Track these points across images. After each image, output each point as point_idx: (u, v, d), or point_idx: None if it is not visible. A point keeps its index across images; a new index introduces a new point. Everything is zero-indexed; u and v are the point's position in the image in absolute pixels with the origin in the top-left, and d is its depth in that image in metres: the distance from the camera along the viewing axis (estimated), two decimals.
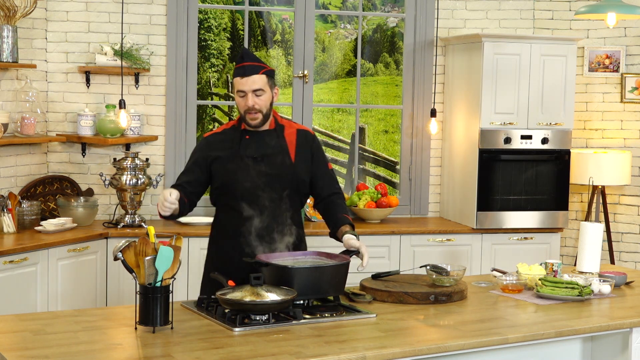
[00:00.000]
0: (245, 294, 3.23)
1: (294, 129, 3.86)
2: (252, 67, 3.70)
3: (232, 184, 3.73)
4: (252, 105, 3.69)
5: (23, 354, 2.80)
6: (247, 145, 3.77)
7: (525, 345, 3.50)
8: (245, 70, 3.69)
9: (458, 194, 6.25)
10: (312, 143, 3.87)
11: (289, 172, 3.77)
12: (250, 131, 3.79)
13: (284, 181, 3.75)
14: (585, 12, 5.05)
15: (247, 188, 3.72)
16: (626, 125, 6.47)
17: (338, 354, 2.87)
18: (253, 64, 3.72)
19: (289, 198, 3.78)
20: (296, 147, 3.81)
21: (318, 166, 3.86)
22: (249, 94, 3.69)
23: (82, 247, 5.25)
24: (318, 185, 3.86)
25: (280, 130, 3.82)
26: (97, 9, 5.84)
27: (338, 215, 3.82)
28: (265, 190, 3.72)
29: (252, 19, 6.70)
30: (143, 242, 3.11)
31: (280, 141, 3.79)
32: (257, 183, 3.71)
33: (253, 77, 3.69)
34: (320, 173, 3.86)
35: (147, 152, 5.95)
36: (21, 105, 5.57)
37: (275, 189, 3.73)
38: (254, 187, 3.71)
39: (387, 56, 7.35)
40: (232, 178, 3.73)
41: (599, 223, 4.35)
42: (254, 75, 3.69)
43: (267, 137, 3.79)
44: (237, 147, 3.76)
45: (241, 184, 3.72)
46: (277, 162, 3.75)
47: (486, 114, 5.95)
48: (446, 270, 3.79)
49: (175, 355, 2.82)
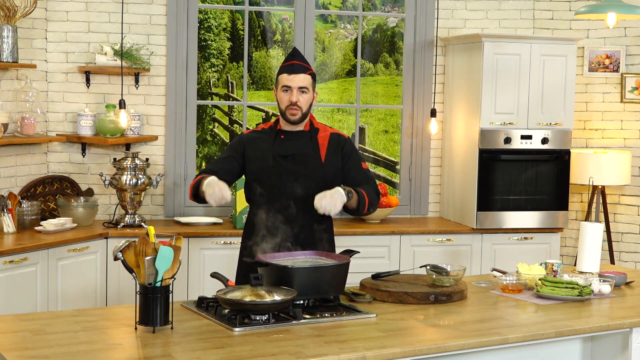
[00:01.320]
0: (245, 294, 3.23)
1: (328, 133, 3.98)
2: (300, 66, 3.86)
3: (261, 179, 3.84)
4: (295, 101, 3.82)
5: (23, 354, 2.81)
6: (280, 144, 3.89)
7: (525, 345, 3.51)
8: (294, 67, 3.85)
9: (458, 194, 6.25)
10: (344, 145, 3.97)
11: (317, 171, 3.86)
12: (286, 131, 3.90)
13: (312, 180, 3.83)
14: (585, 12, 5.05)
15: (275, 185, 3.83)
16: (626, 125, 6.47)
17: (338, 354, 2.88)
18: (302, 64, 3.88)
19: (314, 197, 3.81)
20: (327, 149, 3.92)
21: (352, 165, 3.95)
22: (294, 90, 3.83)
23: (82, 247, 5.24)
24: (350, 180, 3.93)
25: (315, 132, 3.94)
26: (97, 9, 5.84)
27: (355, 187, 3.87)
28: (294, 188, 3.81)
29: (252, 19, 6.69)
30: (143, 242, 3.11)
31: (312, 142, 3.91)
32: (285, 180, 3.82)
33: (300, 76, 3.84)
34: (352, 173, 3.95)
35: (147, 152, 5.94)
36: (21, 105, 5.56)
37: (305, 188, 3.82)
38: (282, 184, 3.82)
39: (387, 56, 7.35)
40: (263, 176, 3.84)
41: (599, 223, 4.35)
42: (302, 74, 3.85)
43: (300, 137, 3.91)
44: (271, 145, 3.88)
45: (269, 180, 3.83)
46: (306, 161, 3.86)
47: (486, 114, 5.95)
48: (446, 270, 3.79)
49: (175, 355, 2.82)
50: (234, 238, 5.51)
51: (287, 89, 3.84)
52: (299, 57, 3.91)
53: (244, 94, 6.36)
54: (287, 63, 3.89)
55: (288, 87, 3.84)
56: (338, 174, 3.93)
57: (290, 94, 3.84)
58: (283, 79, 3.86)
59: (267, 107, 7.71)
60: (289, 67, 3.87)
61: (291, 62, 3.87)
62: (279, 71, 3.91)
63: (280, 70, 3.91)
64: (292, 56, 3.91)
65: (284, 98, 3.86)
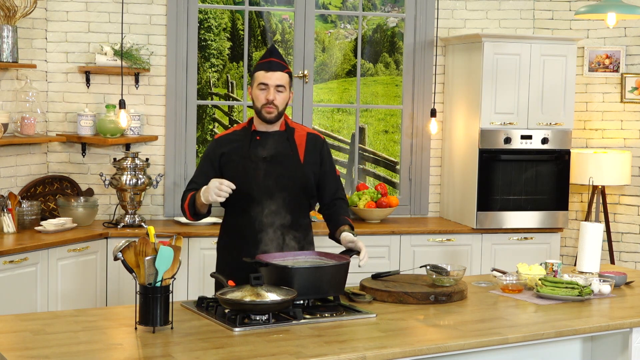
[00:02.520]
0: (245, 294, 3.23)
1: (304, 132, 3.92)
2: (278, 64, 3.79)
3: (241, 184, 3.74)
4: (272, 99, 3.75)
5: (23, 354, 2.80)
6: (257, 145, 3.81)
7: (525, 345, 3.51)
8: (271, 65, 3.77)
9: (458, 194, 6.25)
10: (321, 147, 3.92)
11: (297, 172, 3.81)
12: (261, 132, 3.83)
13: (292, 182, 3.79)
14: (585, 12, 5.05)
15: (256, 188, 3.75)
16: (626, 125, 6.47)
17: (338, 354, 2.88)
18: (279, 62, 3.81)
19: (297, 198, 3.81)
20: (305, 150, 3.86)
21: (326, 171, 3.92)
22: (271, 88, 3.75)
23: (82, 247, 5.24)
24: (324, 189, 3.91)
25: (291, 132, 3.87)
26: (97, 9, 5.84)
27: (339, 217, 3.87)
28: (275, 190, 3.75)
29: (252, 19, 6.70)
30: (143, 242, 3.11)
31: (290, 143, 3.84)
32: (266, 183, 3.75)
33: (278, 74, 3.77)
34: (327, 178, 3.92)
35: (147, 152, 5.94)
36: (21, 105, 5.57)
37: (284, 189, 3.76)
38: (263, 187, 3.75)
39: (387, 56, 7.35)
40: (241, 178, 3.75)
41: (599, 223, 4.35)
42: (279, 71, 3.77)
43: (277, 138, 3.83)
44: (247, 147, 3.80)
45: (250, 184, 3.75)
46: (286, 163, 3.80)
47: (486, 114, 5.95)
48: (446, 270, 3.79)
49: (175, 355, 2.82)
50: None
51: (264, 87, 3.76)
52: (277, 55, 3.83)
53: (244, 94, 6.36)
54: (265, 60, 3.79)
55: (265, 85, 3.76)
56: (316, 176, 3.88)
57: (267, 92, 3.75)
58: (260, 76, 3.77)
59: None
60: (266, 64, 3.77)
61: (269, 59, 3.79)
62: (255, 68, 3.81)
63: (256, 67, 3.81)
64: (269, 53, 3.83)
65: (260, 96, 3.77)
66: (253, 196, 3.75)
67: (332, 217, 3.90)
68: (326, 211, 3.94)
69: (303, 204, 3.86)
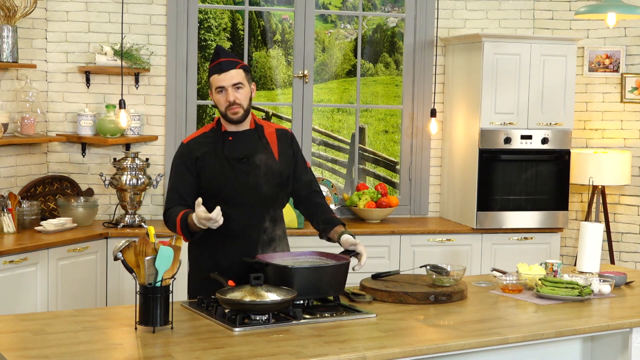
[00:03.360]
0: (245, 294, 3.23)
1: (273, 129, 3.85)
2: (229, 63, 3.69)
3: (219, 187, 3.70)
4: (233, 100, 3.67)
5: (23, 354, 2.80)
6: (230, 146, 3.74)
7: (525, 345, 3.50)
8: (222, 66, 3.67)
9: (458, 194, 6.25)
10: (292, 142, 3.87)
11: (274, 170, 3.75)
12: (233, 132, 3.76)
13: (270, 180, 3.73)
14: (585, 12, 5.05)
15: (234, 190, 3.69)
16: (626, 125, 6.47)
17: (338, 354, 2.87)
18: (229, 60, 3.70)
19: (275, 196, 3.77)
20: (278, 146, 3.80)
21: (298, 165, 3.86)
22: (228, 89, 3.66)
23: (82, 247, 5.25)
24: (298, 184, 3.86)
25: (261, 130, 3.80)
26: (97, 9, 5.84)
27: (327, 216, 3.82)
28: (253, 190, 3.70)
29: (252, 19, 6.69)
30: (143, 242, 3.11)
31: (262, 140, 3.77)
32: (244, 184, 3.69)
33: (231, 72, 3.67)
34: (300, 172, 3.86)
35: (147, 152, 5.95)
36: (21, 105, 5.57)
37: (263, 188, 3.72)
38: (241, 188, 3.69)
39: (387, 56, 7.34)
40: (218, 181, 3.69)
41: (599, 223, 4.35)
42: (232, 70, 3.67)
43: (249, 137, 3.76)
44: (221, 149, 3.72)
45: (228, 186, 3.69)
46: (263, 162, 3.73)
47: (486, 114, 5.95)
48: (446, 270, 3.79)
49: (175, 355, 2.82)
50: None
51: (221, 89, 3.67)
52: (224, 54, 3.72)
53: None
54: (214, 63, 3.69)
55: (222, 88, 3.67)
56: (291, 171, 3.82)
57: (226, 94, 3.67)
58: (214, 81, 3.67)
59: (267, 107, 7.71)
60: (217, 67, 3.67)
61: (217, 61, 3.69)
62: (209, 74, 3.72)
63: (209, 72, 3.72)
64: (216, 55, 3.72)
65: (221, 100, 3.68)
66: (231, 198, 3.69)
67: (317, 216, 3.83)
68: (305, 207, 3.87)
69: (280, 201, 3.82)
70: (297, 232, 5.59)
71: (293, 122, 6.32)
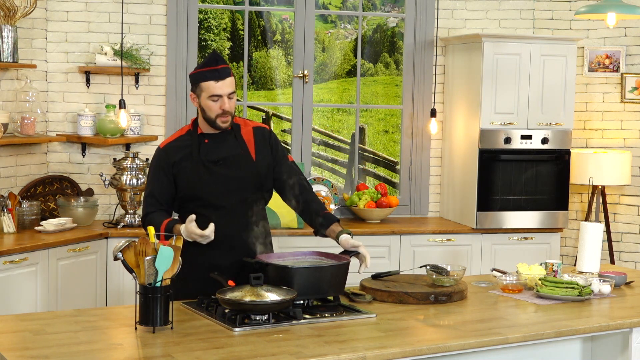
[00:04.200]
0: (245, 294, 3.23)
1: (250, 127, 3.81)
2: (225, 70, 3.64)
3: (196, 190, 3.68)
4: (227, 109, 3.64)
5: (23, 354, 2.80)
6: (206, 149, 3.70)
7: (525, 345, 3.51)
8: (220, 73, 3.62)
9: (458, 194, 6.25)
10: (269, 138, 3.82)
11: (252, 171, 3.72)
12: (209, 135, 3.72)
13: (248, 181, 3.71)
14: (585, 12, 5.05)
15: (212, 193, 3.67)
16: (626, 125, 6.47)
17: (338, 354, 2.88)
18: (226, 67, 3.66)
19: (254, 197, 3.74)
20: (255, 145, 3.77)
21: (279, 161, 3.82)
22: (224, 97, 3.62)
23: (82, 247, 5.25)
24: (282, 178, 3.80)
25: (237, 129, 3.77)
26: (97, 9, 5.84)
27: (320, 212, 3.78)
28: (231, 192, 3.68)
29: (252, 19, 6.69)
30: (143, 242, 3.11)
31: (239, 141, 3.74)
32: (222, 187, 3.67)
33: (227, 80, 3.63)
34: (282, 166, 3.82)
35: (147, 152, 5.94)
36: (21, 105, 5.57)
37: (241, 190, 3.69)
38: (219, 191, 3.67)
39: (387, 56, 7.34)
40: (195, 185, 3.67)
41: (599, 223, 4.35)
42: (227, 78, 3.64)
43: (225, 139, 3.73)
44: (197, 152, 3.69)
45: (205, 189, 3.67)
46: (239, 163, 3.71)
47: (486, 114, 5.95)
48: (446, 270, 3.79)
49: (175, 355, 2.82)
50: None
51: (217, 98, 3.61)
52: (222, 61, 3.66)
53: (244, 94, 6.36)
54: (211, 68, 3.61)
55: (218, 96, 3.60)
56: (270, 169, 3.78)
57: (222, 102, 3.61)
58: (211, 88, 3.59)
59: (267, 107, 7.71)
60: (215, 73, 3.60)
61: (216, 67, 3.62)
62: (200, 77, 3.63)
63: (201, 76, 3.62)
64: (214, 61, 3.62)
65: (214, 107, 3.61)
66: (209, 201, 3.67)
67: (310, 211, 3.79)
68: (296, 202, 3.82)
69: (259, 201, 3.78)
70: (297, 232, 5.58)
71: (293, 122, 6.32)
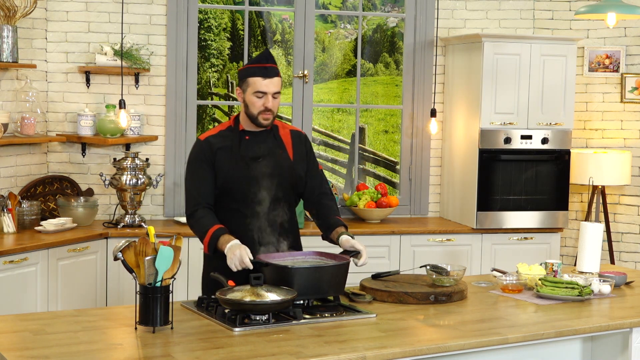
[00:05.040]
0: (245, 294, 3.23)
1: (288, 130, 3.89)
2: (274, 70, 3.72)
3: (233, 185, 3.72)
4: (270, 107, 3.70)
5: (23, 354, 2.80)
6: (246, 146, 3.77)
7: (525, 345, 3.51)
8: (268, 71, 3.69)
9: (458, 194, 6.25)
10: (305, 143, 3.91)
11: (289, 170, 3.79)
12: (250, 132, 3.79)
13: (284, 180, 3.77)
14: (585, 12, 5.05)
15: (249, 189, 3.72)
16: (626, 125, 6.47)
17: (338, 354, 2.88)
18: (275, 67, 3.74)
19: (288, 197, 3.80)
20: (292, 147, 3.84)
21: (310, 167, 3.89)
22: (269, 95, 3.69)
23: (82, 247, 5.25)
24: (309, 185, 3.89)
25: (276, 130, 3.84)
26: (97, 9, 5.84)
27: (330, 218, 3.84)
28: (267, 190, 3.73)
29: (252, 19, 6.70)
30: (143, 242, 3.11)
31: (277, 141, 3.81)
32: (259, 183, 3.72)
33: (275, 80, 3.70)
34: (312, 173, 3.90)
35: (147, 152, 5.94)
36: (21, 105, 5.57)
37: (277, 188, 3.74)
38: (256, 187, 3.72)
39: (387, 56, 7.35)
40: (232, 180, 3.72)
41: (599, 223, 4.35)
42: (276, 77, 3.71)
43: (265, 137, 3.80)
44: (237, 148, 3.75)
45: (243, 185, 3.72)
46: (278, 161, 3.77)
47: (486, 114, 5.95)
48: (446, 270, 3.79)
49: (175, 355, 2.82)
50: None
51: (261, 94, 3.68)
52: (272, 60, 3.74)
53: None
54: (260, 65, 3.69)
55: (263, 93, 3.68)
56: (304, 171, 3.85)
57: (265, 100, 3.68)
58: (257, 84, 3.67)
59: None
60: (263, 70, 3.68)
61: (265, 65, 3.69)
62: (249, 72, 3.70)
63: (250, 71, 3.70)
64: (265, 59, 3.72)
65: (258, 103, 3.69)
66: (245, 197, 3.72)
67: (322, 217, 3.87)
68: (314, 208, 3.90)
69: (293, 201, 3.86)
70: None
71: (293, 122, 6.32)
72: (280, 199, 3.75)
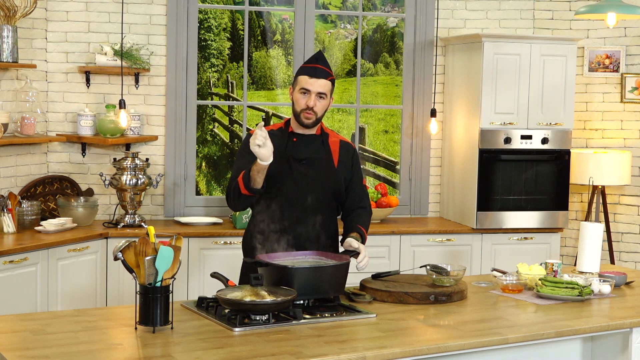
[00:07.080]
0: (245, 294, 3.23)
1: (337, 139, 3.94)
2: (323, 71, 3.77)
3: (276, 184, 3.75)
4: (312, 106, 3.74)
5: (23, 354, 2.80)
6: (293, 147, 3.82)
7: (525, 345, 3.51)
8: (316, 71, 3.76)
9: (458, 194, 6.25)
10: (352, 155, 3.95)
11: (332, 177, 3.83)
12: (298, 134, 3.84)
13: (327, 185, 3.81)
14: (585, 12, 5.05)
15: (291, 190, 3.76)
16: (626, 125, 6.47)
17: (338, 354, 2.88)
18: (324, 69, 3.78)
19: (328, 201, 3.84)
20: (339, 155, 3.89)
21: (354, 179, 3.94)
22: (312, 94, 3.75)
23: (82, 247, 5.24)
24: (350, 196, 3.93)
25: (325, 137, 3.89)
26: (97, 9, 5.84)
27: (354, 226, 3.88)
28: (309, 192, 3.77)
29: (252, 19, 6.69)
30: (143, 242, 3.11)
31: (325, 147, 3.86)
32: (301, 185, 3.76)
33: (321, 81, 3.75)
34: (354, 185, 3.94)
35: (147, 152, 5.94)
36: (21, 105, 5.57)
37: (318, 192, 3.78)
38: (297, 188, 3.76)
39: (387, 56, 7.34)
40: (275, 179, 3.75)
41: (599, 223, 4.35)
42: (323, 79, 3.76)
43: (313, 141, 3.85)
44: (284, 148, 3.79)
45: (285, 185, 3.76)
46: (321, 166, 3.82)
47: (486, 114, 5.95)
48: (446, 270, 3.79)
49: (175, 355, 2.82)
50: (234, 238, 5.51)
51: (305, 91, 3.75)
52: (323, 62, 3.81)
53: (244, 94, 6.36)
54: (310, 65, 3.78)
55: (307, 91, 3.75)
56: (346, 180, 3.90)
57: (308, 98, 3.75)
58: (303, 81, 3.76)
59: (267, 107, 7.71)
60: (311, 69, 3.76)
61: (314, 65, 3.77)
62: (300, 71, 3.80)
63: (300, 70, 3.81)
64: (315, 59, 3.80)
65: (301, 101, 3.77)
66: (287, 197, 3.76)
67: (349, 222, 3.91)
68: (347, 218, 3.95)
69: (333, 207, 3.90)
70: None
71: None
72: (319, 203, 3.79)
